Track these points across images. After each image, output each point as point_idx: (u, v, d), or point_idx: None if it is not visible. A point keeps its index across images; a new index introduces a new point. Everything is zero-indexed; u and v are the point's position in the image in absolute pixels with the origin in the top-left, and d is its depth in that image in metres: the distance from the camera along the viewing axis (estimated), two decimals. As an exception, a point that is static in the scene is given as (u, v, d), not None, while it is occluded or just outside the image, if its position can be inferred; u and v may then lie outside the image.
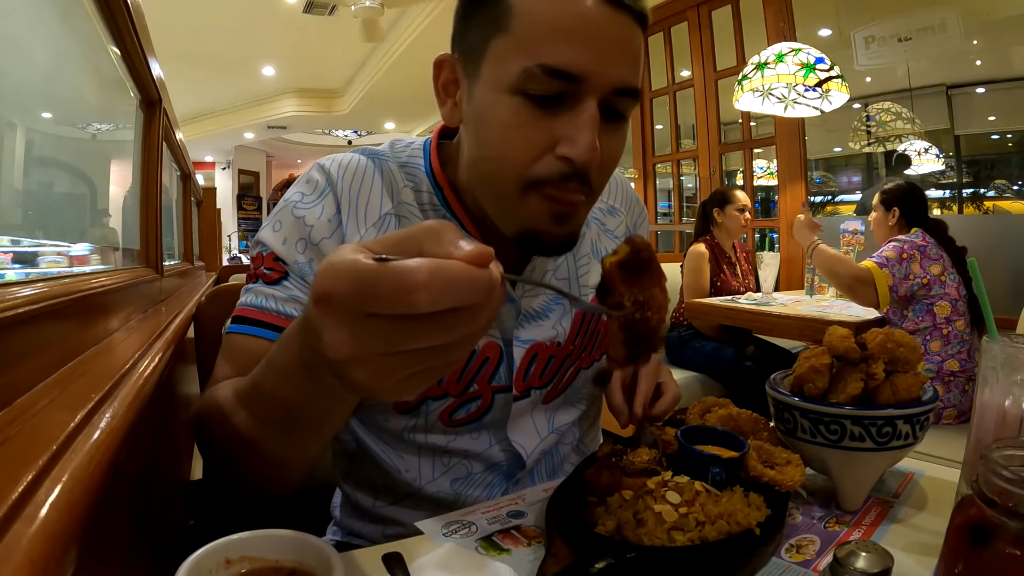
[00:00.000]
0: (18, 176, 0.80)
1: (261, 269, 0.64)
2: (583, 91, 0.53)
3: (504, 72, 0.54)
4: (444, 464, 0.69)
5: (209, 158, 10.66)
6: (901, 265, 1.80)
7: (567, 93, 0.53)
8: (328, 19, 5.34)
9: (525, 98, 0.53)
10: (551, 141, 0.54)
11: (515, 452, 0.70)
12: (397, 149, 0.70)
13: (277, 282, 0.62)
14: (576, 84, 0.53)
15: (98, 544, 0.37)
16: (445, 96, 0.61)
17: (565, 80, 0.52)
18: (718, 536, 0.45)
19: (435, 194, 0.67)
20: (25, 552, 0.24)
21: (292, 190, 0.67)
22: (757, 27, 3.33)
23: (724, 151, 3.82)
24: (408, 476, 0.69)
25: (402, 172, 0.68)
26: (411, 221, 0.65)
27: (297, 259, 0.63)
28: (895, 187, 2.00)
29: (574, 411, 0.77)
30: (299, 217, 0.64)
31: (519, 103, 0.54)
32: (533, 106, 0.54)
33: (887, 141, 3.99)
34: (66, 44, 0.93)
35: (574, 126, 0.53)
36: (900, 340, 0.57)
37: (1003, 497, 0.36)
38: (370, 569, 0.47)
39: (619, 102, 0.56)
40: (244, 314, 0.62)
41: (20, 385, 0.43)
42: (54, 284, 0.58)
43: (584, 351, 0.75)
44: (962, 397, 1.75)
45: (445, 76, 0.61)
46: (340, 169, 0.66)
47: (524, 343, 0.69)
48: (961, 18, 3.00)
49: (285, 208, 0.65)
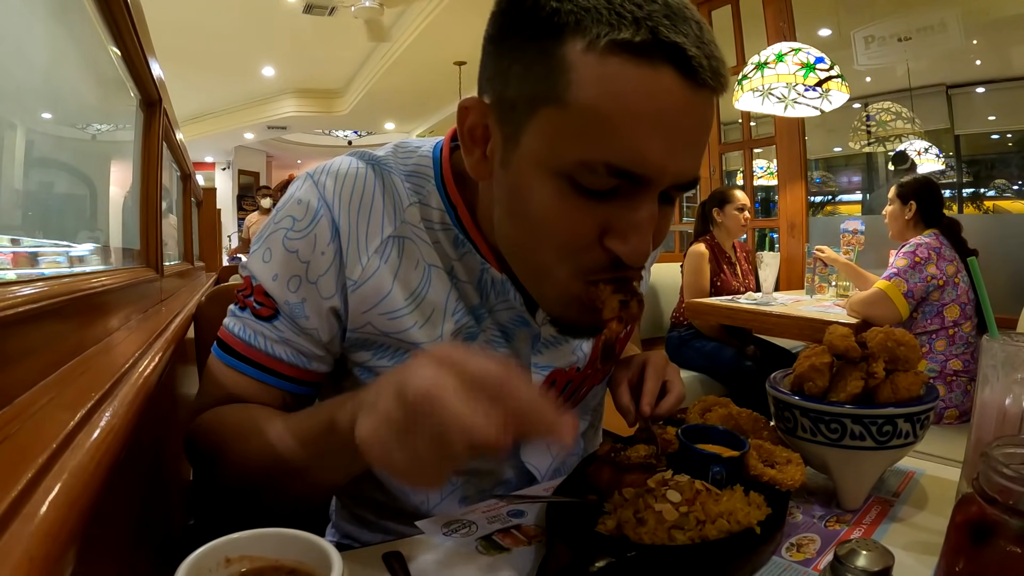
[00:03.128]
0: (18, 176, 0.80)
1: (251, 300, 0.59)
2: (645, 186, 0.46)
3: (554, 154, 0.46)
4: (453, 484, 0.68)
5: (209, 158, 10.66)
6: (915, 270, 1.79)
7: (626, 186, 0.46)
8: (328, 19, 5.34)
9: (574, 185, 0.46)
10: (599, 229, 0.47)
11: (526, 469, 0.69)
12: (402, 155, 0.62)
13: (268, 320, 0.58)
14: (640, 183, 0.46)
15: (98, 543, 0.37)
16: (472, 145, 0.52)
17: (630, 178, 0.45)
18: (718, 535, 0.45)
19: (447, 212, 0.59)
20: (24, 550, 0.24)
21: (283, 212, 0.59)
22: (757, 27, 3.33)
23: (724, 151, 3.82)
24: (416, 500, 0.67)
25: (407, 184, 0.60)
26: (416, 244, 0.59)
27: (288, 299, 0.58)
28: (912, 181, 2.00)
29: (582, 424, 0.76)
30: (292, 251, 0.57)
31: (566, 188, 0.46)
32: (583, 195, 0.46)
33: (887, 141, 3.99)
34: (66, 44, 0.92)
35: (629, 223, 0.47)
36: (900, 339, 0.57)
37: (1004, 495, 0.36)
38: (370, 568, 0.47)
39: (676, 192, 0.49)
40: (231, 343, 0.59)
41: (20, 384, 0.42)
42: (54, 283, 0.58)
43: (600, 370, 0.73)
44: (964, 397, 1.75)
45: (472, 122, 0.51)
46: (336, 183, 0.58)
47: (543, 369, 0.66)
48: (961, 18, 3.00)
49: (275, 234, 0.58)
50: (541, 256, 0.51)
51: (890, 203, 2.04)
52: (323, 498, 0.76)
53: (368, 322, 0.59)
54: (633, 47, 0.42)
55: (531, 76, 0.46)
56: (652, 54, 0.42)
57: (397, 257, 0.59)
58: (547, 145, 0.46)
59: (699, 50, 0.43)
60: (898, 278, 1.80)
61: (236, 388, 0.59)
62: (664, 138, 0.44)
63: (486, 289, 0.62)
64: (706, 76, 0.43)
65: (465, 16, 4.59)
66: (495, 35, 0.49)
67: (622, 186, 0.46)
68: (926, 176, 2.08)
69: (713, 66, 0.44)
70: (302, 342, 0.59)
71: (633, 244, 0.47)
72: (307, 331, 0.59)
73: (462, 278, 0.61)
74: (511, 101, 0.48)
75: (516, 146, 0.48)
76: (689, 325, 2.56)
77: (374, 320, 0.59)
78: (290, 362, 0.59)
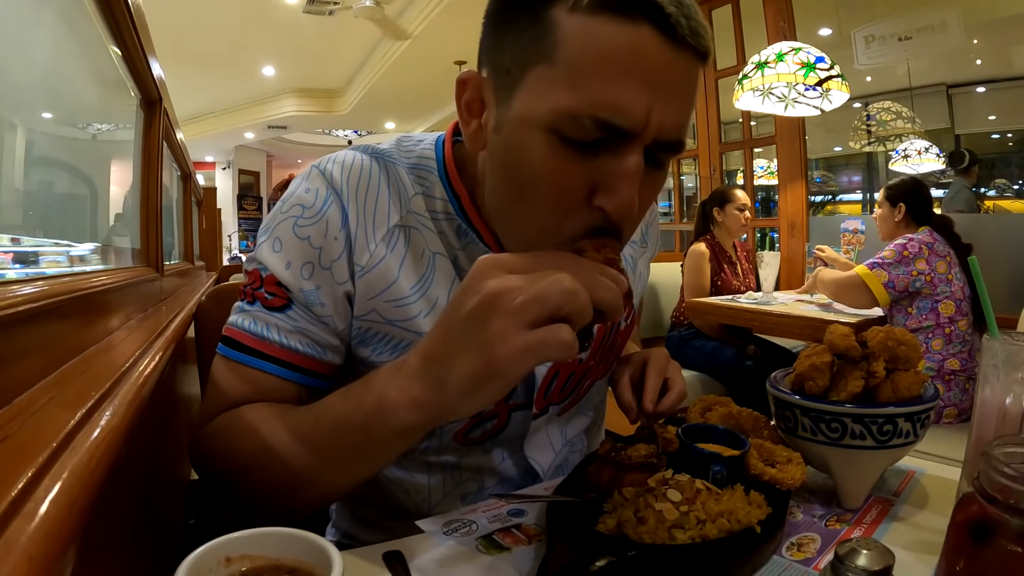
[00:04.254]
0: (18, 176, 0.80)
1: (261, 291, 0.58)
2: (629, 139, 0.47)
3: (543, 108, 0.47)
4: (455, 480, 0.68)
5: (209, 158, 10.66)
6: (901, 263, 1.80)
7: (610, 139, 0.47)
8: (328, 19, 5.34)
9: (562, 139, 0.47)
10: (587, 188, 0.49)
11: (528, 466, 0.69)
12: (405, 148, 0.63)
13: (281, 310, 0.58)
14: (625, 135, 0.47)
15: (98, 542, 0.37)
16: (469, 117, 0.54)
17: (614, 132, 0.47)
18: (719, 534, 0.45)
19: (450, 202, 0.61)
20: (24, 549, 0.24)
21: (290, 202, 0.59)
22: (757, 26, 3.33)
23: (724, 150, 3.82)
24: (417, 498, 0.67)
25: (411, 175, 0.61)
26: (421, 233, 0.61)
27: (303, 286, 0.58)
28: (900, 183, 2.01)
29: (585, 420, 0.76)
30: (303, 238, 0.58)
31: (555, 143, 0.47)
32: (571, 148, 0.47)
33: (887, 140, 3.99)
34: (67, 44, 0.93)
35: (615, 177, 0.47)
36: (901, 338, 0.57)
37: (1004, 494, 0.36)
38: (371, 567, 0.47)
39: (662, 153, 0.50)
40: (240, 339, 0.58)
41: (20, 383, 0.42)
42: (55, 282, 0.58)
43: (602, 363, 0.73)
44: (962, 396, 1.75)
45: (469, 96, 0.53)
46: (343, 171, 0.59)
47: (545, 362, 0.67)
48: (961, 17, 3.00)
49: (285, 223, 0.58)
50: (531, 219, 0.51)
51: (879, 205, 2.04)
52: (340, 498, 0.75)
53: (373, 309, 0.60)
54: (615, 5, 0.44)
55: (523, 40, 0.48)
56: (632, 12, 0.44)
57: (403, 246, 0.60)
58: (536, 102, 0.47)
59: (677, 10, 0.45)
60: (879, 268, 1.81)
61: (248, 387, 0.58)
62: (645, 91, 0.45)
63: None
64: (684, 34, 0.45)
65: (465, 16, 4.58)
66: (493, 10, 0.52)
67: (608, 139, 0.47)
68: (914, 177, 2.08)
69: (692, 27, 0.45)
70: (317, 331, 0.59)
71: (620, 196, 0.48)
72: (322, 319, 0.59)
73: (466, 267, 0.62)
74: (506, 68, 0.49)
75: (508, 109, 0.50)
76: (689, 324, 2.56)
77: (380, 307, 0.60)
78: (305, 353, 0.59)
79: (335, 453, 0.50)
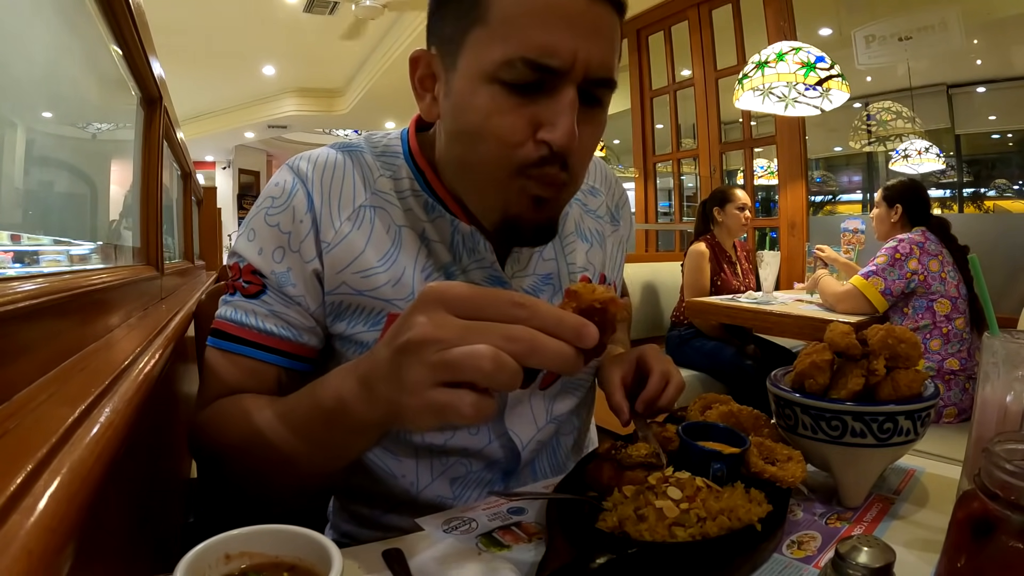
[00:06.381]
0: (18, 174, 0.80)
1: (240, 281, 0.63)
2: (561, 78, 0.53)
3: (483, 62, 0.54)
4: (442, 464, 0.69)
5: (209, 157, 10.66)
6: (894, 267, 1.81)
7: (546, 80, 0.53)
8: (328, 19, 5.34)
9: (503, 86, 0.54)
10: (531, 127, 0.55)
11: (509, 441, 0.69)
12: (373, 141, 0.69)
13: (256, 296, 0.62)
14: (555, 73, 0.53)
15: (97, 539, 0.37)
16: (423, 91, 0.62)
17: (545, 71, 0.53)
18: (719, 532, 0.45)
19: (416, 179, 0.66)
20: (23, 544, 0.24)
21: (262, 196, 0.65)
22: (757, 26, 3.33)
23: (724, 150, 3.82)
24: (405, 482, 0.68)
25: (379, 162, 0.67)
26: (388, 211, 0.65)
27: (275, 269, 0.62)
28: (897, 183, 2.01)
29: (572, 399, 0.76)
30: (273, 225, 0.63)
31: (497, 90, 0.54)
32: (512, 93, 0.54)
33: (887, 140, 3.99)
34: (67, 42, 0.92)
35: (553, 112, 0.54)
36: (901, 336, 0.57)
37: (1005, 491, 0.36)
38: (370, 565, 0.47)
39: (596, 90, 0.56)
40: (224, 328, 0.63)
41: (20, 380, 0.42)
42: (55, 280, 0.58)
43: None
44: (962, 395, 1.75)
45: (422, 71, 0.61)
46: (310, 164, 0.65)
47: None
48: (961, 17, 3.00)
49: (258, 215, 0.64)
50: (483, 163, 0.57)
51: (876, 206, 2.05)
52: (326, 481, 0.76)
53: (343, 282, 0.63)
54: None
55: (461, 9, 0.55)
56: None
57: (370, 223, 0.64)
58: (477, 60, 0.54)
59: None
60: (875, 277, 1.83)
61: (233, 373, 0.62)
62: (569, 33, 0.52)
63: (458, 250, 0.66)
64: None
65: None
66: None
67: (544, 81, 0.53)
68: (912, 178, 2.09)
69: None
70: (291, 313, 0.63)
71: (559, 127, 0.53)
72: (295, 299, 0.63)
73: (433, 238, 0.66)
74: (449, 38, 0.57)
75: (455, 72, 0.57)
76: (689, 324, 2.56)
77: (348, 279, 0.63)
78: (281, 335, 0.63)
79: (310, 440, 0.51)
